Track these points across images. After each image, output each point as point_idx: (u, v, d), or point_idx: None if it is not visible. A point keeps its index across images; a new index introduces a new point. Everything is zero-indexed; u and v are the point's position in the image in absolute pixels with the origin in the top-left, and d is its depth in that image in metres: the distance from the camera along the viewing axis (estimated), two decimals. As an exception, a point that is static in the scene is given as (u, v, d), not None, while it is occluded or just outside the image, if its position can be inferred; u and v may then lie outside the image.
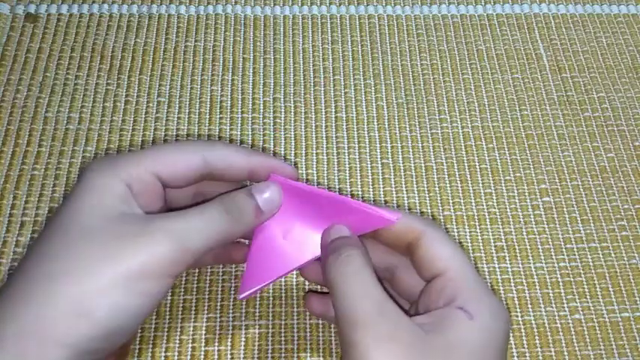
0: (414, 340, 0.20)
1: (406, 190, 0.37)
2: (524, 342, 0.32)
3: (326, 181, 0.37)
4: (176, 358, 0.31)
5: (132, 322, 0.20)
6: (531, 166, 0.38)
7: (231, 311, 0.32)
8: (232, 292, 0.33)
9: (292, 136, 0.39)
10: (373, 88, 0.42)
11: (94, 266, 0.20)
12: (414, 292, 0.25)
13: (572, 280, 0.34)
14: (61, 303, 0.19)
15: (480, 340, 0.20)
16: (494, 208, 0.37)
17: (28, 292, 0.19)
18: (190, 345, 0.31)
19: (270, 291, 0.33)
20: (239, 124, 0.39)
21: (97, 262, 0.20)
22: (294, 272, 0.33)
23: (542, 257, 0.35)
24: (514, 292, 0.34)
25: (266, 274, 0.25)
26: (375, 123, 0.40)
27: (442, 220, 0.36)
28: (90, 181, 0.22)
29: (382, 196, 0.37)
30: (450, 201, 0.37)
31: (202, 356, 0.31)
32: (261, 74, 0.42)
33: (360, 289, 0.21)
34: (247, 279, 0.25)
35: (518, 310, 0.33)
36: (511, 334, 0.32)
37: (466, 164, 0.38)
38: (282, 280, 0.33)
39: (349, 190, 0.37)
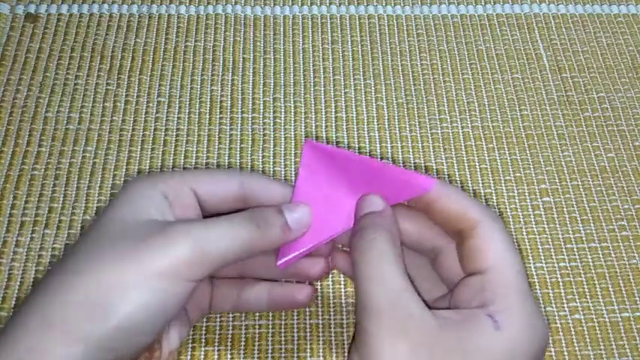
0: (424, 338, 0.19)
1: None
2: (524, 342, 0.32)
3: (326, 181, 0.37)
4: (176, 358, 0.31)
5: (150, 321, 0.20)
6: (531, 166, 0.38)
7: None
8: (232, 292, 0.33)
9: (292, 136, 0.39)
10: (373, 88, 0.42)
11: (113, 264, 0.20)
12: (455, 279, 0.24)
13: (572, 280, 0.34)
14: (81, 298, 0.19)
15: (501, 354, 0.19)
16: (494, 208, 0.37)
17: (53, 288, 0.20)
18: (190, 345, 0.31)
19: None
20: (239, 124, 0.39)
21: (116, 261, 0.20)
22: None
23: (542, 257, 0.35)
24: (514, 292, 0.34)
25: (306, 240, 0.24)
26: (375, 123, 0.40)
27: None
28: (128, 190, 0.23)
29: (382, 196, 0.37)
30: (450, 201, 0.37)
31: (202, 356, 0.31)
32: (261, 74, 0.42)
33: (378, 275, 0.20)
34: (285, 245, 0.24)
35: (518, 310, 0.33)
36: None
37: (466, 164, 0.38)
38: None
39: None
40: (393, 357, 0.19)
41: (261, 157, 0.38)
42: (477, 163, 0.38)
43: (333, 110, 0.40)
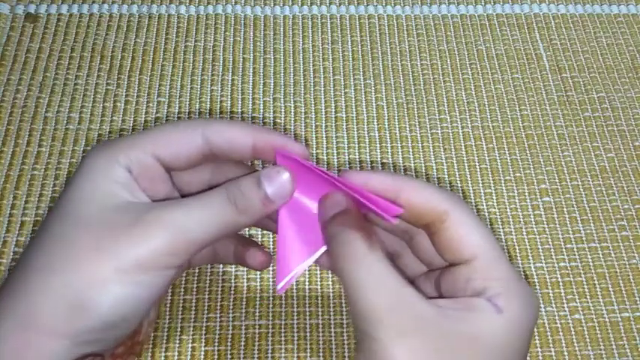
0: (436, 333, 0.19)
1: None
2: (524, 342, 0.32)
3: (326, 181, 0.37)
4: (176, 358, 0.31)
5: (131, 312, 0.20)
6: (531, 166, 0.38)
7: (231, 311, 0.32)
8: (232, 292, 0.33)
9: (292, 136, 0.39)
10: (373, 88, 0.42)
11: (89, 258, 0.20)
12: (434, 259, 0.23)
13: (572, 280, 0.34)
14: (57, 294, 0.19)
15: (506, 335, 0.20)
16: (494, 208, 0.37)
17: (26, 285, 0.19)
18: (190, 345, 0.31)
19: (270, 291, 0.33)
20: (239, 124, 0.39)
21: (91, 253, 0.20)
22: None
23: (542, 257, 0.35)
24: (514, 292, 0.34)
25: (303, 254, 0.23)
26: (375, 123, 0.40)
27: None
28: (88, 167, 0.22)
29: (382, 196, 0.37)
30: (450, 201, 0.37)
31: (202, 356, 0.31)
32: (261, 74, 0.42)
33: (371, 280, 0.20)
34: (280, 268, 0.23)
35: (518, 310, 0.33)
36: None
37: (466, 164, 0.38)
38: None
39: (349, 190, 0.37)
40: (408, 357, 0.18)
41: (261, 157, 0.38)
42: (477, 163, 0.38)
43: (333, 110, 0.40)
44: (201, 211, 0.21)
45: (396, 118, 0.40)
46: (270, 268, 0.33)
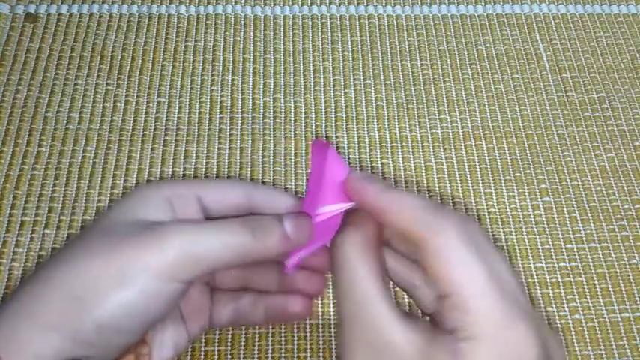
0: (383, 350, 0.18)
1: (406, 191, 0.37)
2: (524, 342, 0.32)
3: (326, 181, 0.37)
4: (176, 358, 0.31)
5: (132, 319, 0.20)
6: (531, 166, 0.38)
7: (231, 311, 0.32)
8: (232, 292, 0.33)
9: (292, 136, 0.39)
10: (373, 88, 0.42)
11: (98, 260, 0.20)
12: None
13: (572, 280, 0.34)
14: (59, 289, 0.19)
15: None
16: (495, 208, 0.37)
17: (38, 280, 0.20)
18: (190, 345, 0.31)
19: (270, 291, 0.33)
20: (239, 124, 0.39)
21: (102, 256, 0.20)
22: None
23: (542, 257, 0.35)
24: (514, 292, 0.34)
25: (312, 241, 0.23)
26: (375, 123, 0.40)
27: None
28: (132, 193, 0.23)
29: (382, 196, 0.37)
30: (450, 201, 0.37)
31: (202, 356, 0.31)
32: (261, 74, 0.42)
33: (344, 276, 0.20)
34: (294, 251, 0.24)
35: (518, 310, 0.33)
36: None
37: (466, 164, 0.38)
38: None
39: (349, 190, 0.37)
40: None
41: (261, 157, 0.38)
42: (477, 163, 0.38)
43: (333, 110, 0.40)
44: (217, 231, 0.21)
45: (396, 118, 0.40)
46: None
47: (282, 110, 0.40)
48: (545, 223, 0.36)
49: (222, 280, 0.27)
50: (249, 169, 0.38)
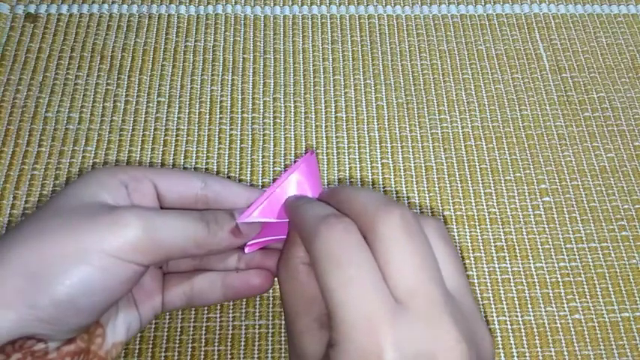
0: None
1: (406, 190, 0.37)
2: (524, 342, 0.32)
3: (326, 181, 0.37)
4: (176, 358, 0.31)
5: (89, 300, 0.20)
6: (531, 166, 0.38)
7: (231, 311, 0.32)
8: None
9: (292, 136, 0.39)
10: (373, 88, 0.42)
11: (56, 239, 0.20)
12: None
13: (572, 280, 0.34)
14: (14, 268, 0.19)
15: None
16: (494, 208, 0.37)
17: None
18: (190, 345, 0.31)
19: (270, 291, 0.33)
20: (239, 124, 0.39)
21: (60, 235, 0.20)
22: None
23: (542, 257, 0.35)
24: (514, 292, 0.34)
25: (276, 230, 0.25)
26: (375, 123, 0.40)
27: (442, 220, 0.36)
28: (87, 176, 0.23)
29: (382, 196, 0.37)
30: (450, 201, 0.37)
31: (202, 356, 0.31)
32: (261, 74, 0.42)
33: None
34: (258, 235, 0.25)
35: (518, 310, 0.33)
36: (510, 332, 0.32)
37: (466, 164, 0.38)
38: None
39: (349, 190, 0.37)
40: None
41: (261, 157, 0.38)
42: (476, 163, 0.38)
43: (333, 110, 0.40)
44: (175, 220, 0.22)
45: (396, 118, 0.40)
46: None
47: (282, 110, 0.40)
48: (545, 223, 0.36)
49: (176, 264, 0.27)
50: (249, 169, 0.38)
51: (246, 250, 0.25)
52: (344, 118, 0.40)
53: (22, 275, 0.19)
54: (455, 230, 0.36)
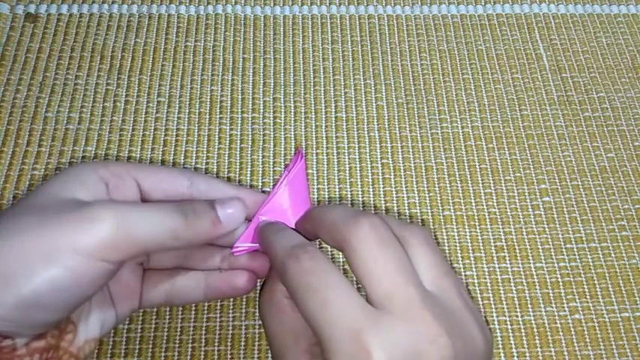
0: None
1: (406, 190, 0.37)
2: (524, 342, 0.32)
3: (326, 181, 0.37)
4: (176, 358, 0.31)
5: (56, 299, 0.20)
6: (531, 166, 0.38)
7: (231, 311, 0.32)
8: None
9: (292, 136, 0.39)
10: (373, 88, 0.42)
11: (24, 236, 0.19)
12: None
13: (572, 280, 0.34)
14: None
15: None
16: (494, 208, 0.37)
17: None
18: (190, 345, 0.31)
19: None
20: (239, 124, 0.39)
21: (28, 232, 0.19)
22: None
23: (542, 257, 0.35)
24: (514, 292, 0.34)
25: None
26: (375, 123, 0.40)
27: (442, 220, 0.36)
28: (66, 171, 0.22)
29: (382, 196, 0.37)
30: (450, 201, 0.37)
31: (202, 356, 0.31)
32: (261, 74, 0.42)
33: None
34: (245, 234, 0.25)
35: (518, 310, 0.33)
36: (510, 332, 0.32)
37: (466, 164, 0.38)
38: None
39: (349, 190, 0.37)
40: None
41: (261, 157, 0.38)
42: (476, 163, 0.38)
43: (333, 110, 0.40)
44: (151, 213, 0.21)
45: (396, 118, 0.40)
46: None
47: (282, 110, 0.40)
48: (545, 223, 0.36)
49: (157, 260, 0.26)
50: (249, 169, 0.38)
51: (235, 252, 0.25)
52: (344, 118, 0.40)
53: None
54: (455, 230, 0.36)
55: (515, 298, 0.33)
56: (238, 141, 0.39)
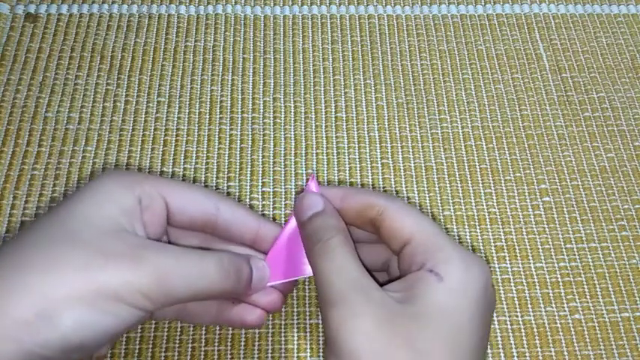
0: (383, 313, 0.20)
1: (406, 190, 0.37)
2: (524, 342, 0.32)
3: (326, 181, 0.37)
4: (176, 358, 0.31)
5: (93, 339, 0.19)
6: (531, 166, 0.38)
7: (231, 311, 0.32)
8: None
9: (292, 136, 0.39)
10: (373, 88, 0.42)
11: (68, 273, 0.19)
12: (383, 264, 0.26)
13: (572, 280, 0.34)
14: (24, 299, 0.18)
15: (451, 301, 0.20)
16: (494, 208, 0.37)
17: (3, 280, 0.19)
18: (190, 345, 0.31)
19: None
20: (239, 124, 0.39)
21: (72, 270, 0.19)
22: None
23: (542, 257, 0.35)
24: (514, 292, 0.34)
25: (294, 270, 0.26)
26: (375, 123, 0.40)
27: (442, 220, 0.36)
28: (99, 186, 0.21)
29: (382, 196, 0.37)
30: (450, 201, 0.37)
31: (202, 356, 0.31)
32: (261, 74, 0.42)
33: (337, 268, 0.22)
34: (275, 268, 0.26)
35: (518, 310, 0.33)
36: (510, 332, 0.32)
37: (466, 164, 0.38)
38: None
39: (349, 190, 0.37)
40: (358, 335, 0.19)
41: (261, 157, 0.38)
42: (477, 163, 0.38)
43: (333, 110, 0.40)
44: (192, 267, 0.21)
45: (396, 118, 0.40)
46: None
47: (282, 110, 0.40)
48: (545, 223, 0.36)
49: None
50: (249, 169, 0.38)
51: (270, 283, 0.26)
52: (344, 118, 0.40)
53: (30, 311, 0.18)
54: (455, 230, 0.36)
55: (515, 298, 0.33)
56: (238, 141, 0.39)
